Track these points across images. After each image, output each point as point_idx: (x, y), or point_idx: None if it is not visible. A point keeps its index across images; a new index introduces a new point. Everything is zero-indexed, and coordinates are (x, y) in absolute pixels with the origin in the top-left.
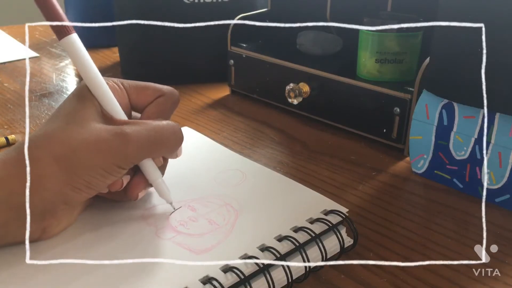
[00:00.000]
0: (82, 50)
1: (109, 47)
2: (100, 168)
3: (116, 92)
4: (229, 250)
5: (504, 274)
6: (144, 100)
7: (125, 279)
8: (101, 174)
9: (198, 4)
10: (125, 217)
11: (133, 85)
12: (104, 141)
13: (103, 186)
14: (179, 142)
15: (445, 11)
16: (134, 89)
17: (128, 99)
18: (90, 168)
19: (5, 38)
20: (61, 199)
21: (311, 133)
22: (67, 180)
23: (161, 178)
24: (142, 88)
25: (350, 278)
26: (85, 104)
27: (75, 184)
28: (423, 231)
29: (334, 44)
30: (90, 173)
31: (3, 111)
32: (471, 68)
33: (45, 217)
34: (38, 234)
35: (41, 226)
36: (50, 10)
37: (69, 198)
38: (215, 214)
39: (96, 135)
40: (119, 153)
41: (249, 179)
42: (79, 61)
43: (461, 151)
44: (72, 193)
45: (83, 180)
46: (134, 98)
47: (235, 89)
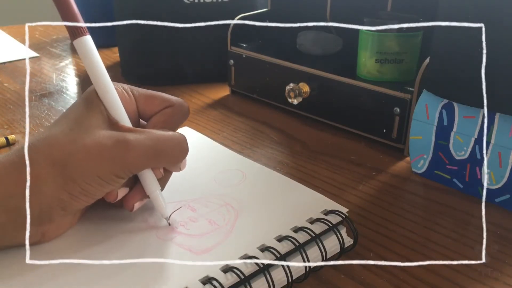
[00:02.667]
0: (94, 53)
1: (109, 47)
2: (97, 175)
3: (124, 99)
4: (229, 250)
5: (504, 274)
6: (152, 109)
7: (125, 279)
8: (97, 182)
9: (198, 4)
10: (125, 218)
11: (142, 93)
12: (104, 147)
13: (100, 194)
14: (182, 154)
15: (445, 11)
16: (142, 97)
17: (136, 107)
18: (87, 175)
19: (5, 38)
20: (58, 205)
21: (311, 133)
22: (63, 185)
23: (159, 190)
24: (150, 97)
25: (350, 278)
26: (91, 110)
27: (71, 191)
28: (423, 231)
29: (334, 44)
30: (86, 180)
31: (3, 111)
32: (471, 68)
33: (43, 221)
34: (37, 238)
35: (39, 230)
36: (66, 9)
37: (66, 204)
38: (215, 214)
39: (96, 141)
40: (118, 160)
41: (249, 179)
42: (89, 63)
43: (461, 151)
44: (69, 200)
45: (79, 187)
46: (142, 106)
47: (235, 89)
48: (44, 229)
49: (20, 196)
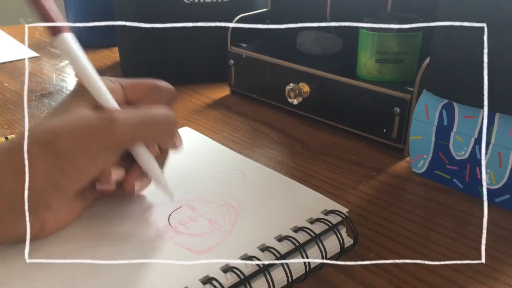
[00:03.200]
0: (75, 49)
1: (109, 47)
2: (87, 151)
3: (110, 88)
4: (229, 250)
5: (504, 274)
6: (139, 95)
7: (125, 279)
8: (88, 158)
9: (198, 4)
10: (125, 217)
11: (128, 81)
12: (89, 124)
13: (93, 170)
14: (171, 126)
15: (445, 11)
16: (129, 85)
17: (123, 96)
18: (76, 152)
19: (5, 38)
20: (52, 186)
21: (311, 133)
22: (54, 163)
23: (157, 167)
24: (137, 84)
25: (350, 278)
26: (77, 96)
27: (62, 167)
28: (423, 231)
29: (334, 44)
30: (76, 157)
31: (3, 111)
32: (471, 68)
33: (39, 207)
34: (36, 229)
35: (37, 219)
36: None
37: (60, 184)
38: (215, 214)
39: (81, 119)
40: (106, 135)
41: (249, 179)
42: (72, 58)
43: (461, 151)
44: (62, 178)
45: (70, 163)
46: (129, 94)
47: (235, 89)
48: (42, 217)
49: (10, 179)
